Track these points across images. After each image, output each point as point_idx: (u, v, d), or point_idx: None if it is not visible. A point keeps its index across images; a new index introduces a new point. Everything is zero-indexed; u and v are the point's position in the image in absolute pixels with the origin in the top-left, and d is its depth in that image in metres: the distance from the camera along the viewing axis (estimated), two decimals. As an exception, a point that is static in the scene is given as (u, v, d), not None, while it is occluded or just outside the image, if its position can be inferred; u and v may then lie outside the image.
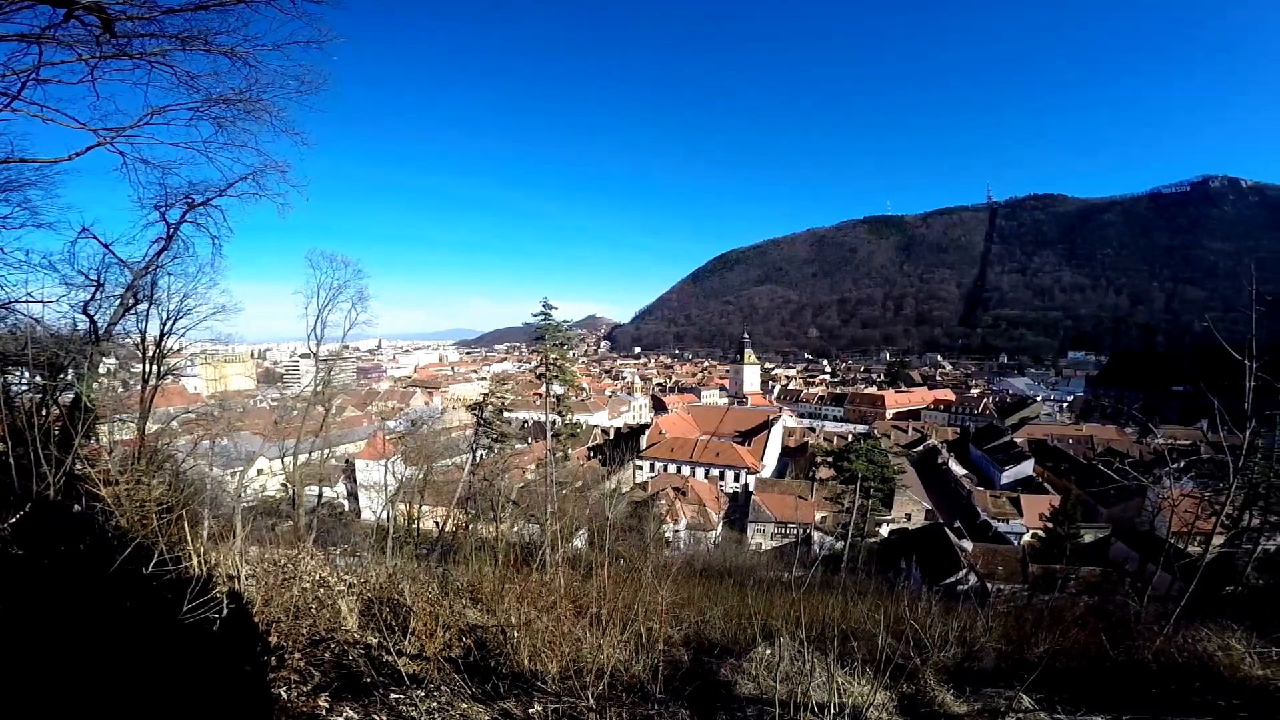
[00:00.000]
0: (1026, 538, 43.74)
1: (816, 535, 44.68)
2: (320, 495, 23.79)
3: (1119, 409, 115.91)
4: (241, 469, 21.70)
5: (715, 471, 60.95)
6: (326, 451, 26.75)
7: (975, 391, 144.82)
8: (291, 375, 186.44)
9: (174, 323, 15.28)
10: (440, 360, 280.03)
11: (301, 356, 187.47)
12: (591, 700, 3.94)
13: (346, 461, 58.79)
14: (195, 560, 4.48)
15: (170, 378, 16.82)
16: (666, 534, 36.45)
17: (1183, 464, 48.81)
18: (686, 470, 59.93)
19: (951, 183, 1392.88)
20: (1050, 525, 38.92)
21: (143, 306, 14.08)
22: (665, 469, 61.14)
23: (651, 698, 4.35)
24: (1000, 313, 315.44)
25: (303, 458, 21.94)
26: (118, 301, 12.95)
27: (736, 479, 59.85)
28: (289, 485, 20.99)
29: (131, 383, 15.81)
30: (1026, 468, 64.37)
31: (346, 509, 48.84)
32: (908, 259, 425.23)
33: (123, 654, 3.20)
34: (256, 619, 4.27)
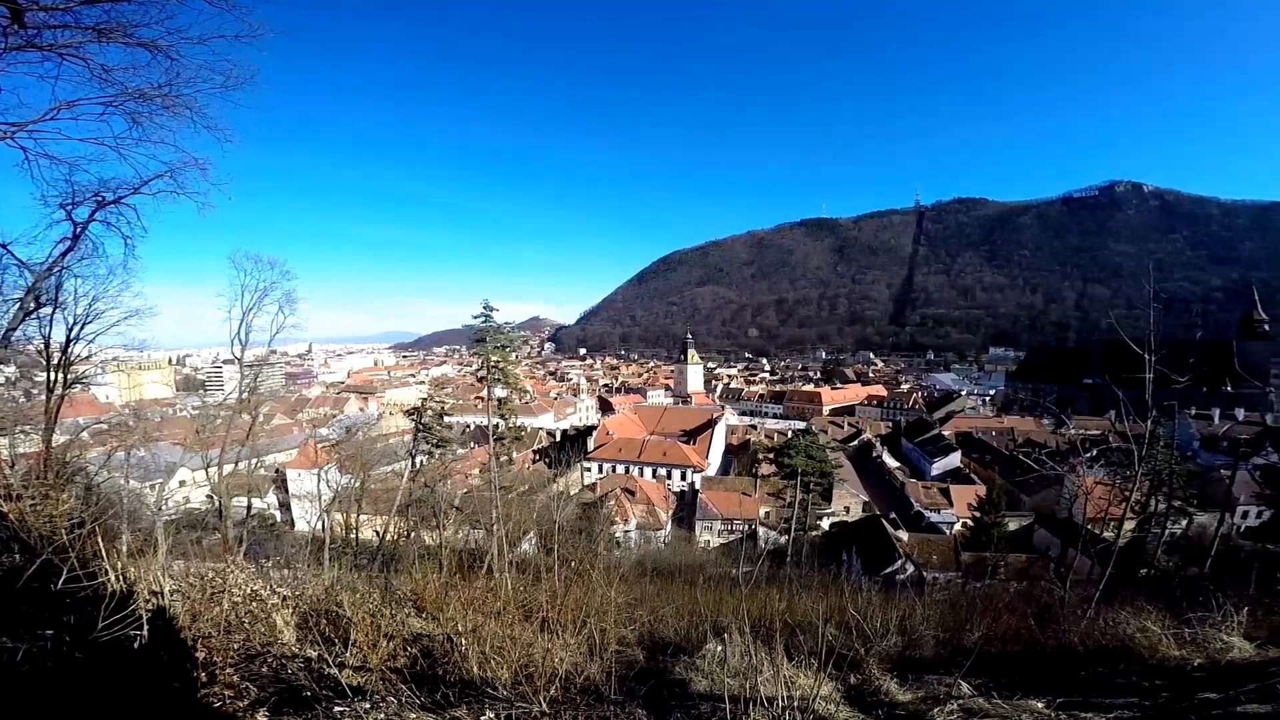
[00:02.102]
0: (957, 526, 45.82)
1: (761, 530, 45.60)
2: (249, 506, 22.57)
3: (1036, 401, 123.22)
4: (161, 480, 20.31)
5: (663, 471, 61.32)
6: (255, 461, 25.38)
7: (905, 387, 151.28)
8: (214, 382, 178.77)
9: (82, 328, 14.34)
10: (375, 364, 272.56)
11: (225, 362, 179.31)
12: (544, 705, 3.90)
13: (277, 471, 56.64)
14: (112, 576, 4.16)
15: (78, 386, 15.64)
16: (617, 535, 36.40)
17: (1094, 453, 52.46)
18: (635, 470, 60.02)
19: (882, 187, 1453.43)
20: (978, 514, 40.78)
21: (46, 310, 13.13)
22: (613, 469, 61.11)
23: (606, 699, 4.33)
24: (927, 312, 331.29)
25: (229, 468, 20.77)
26: (16, 305, 11.98)
27: (683, 478, 60.41)
28: (215, 496, 19.82)
29: (35, 392, 14.66)
30: (954, 459, 67.59)
31: (279, 520, 47.00)
32: (841, 260, 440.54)
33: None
34: (184, 635, 4.01)
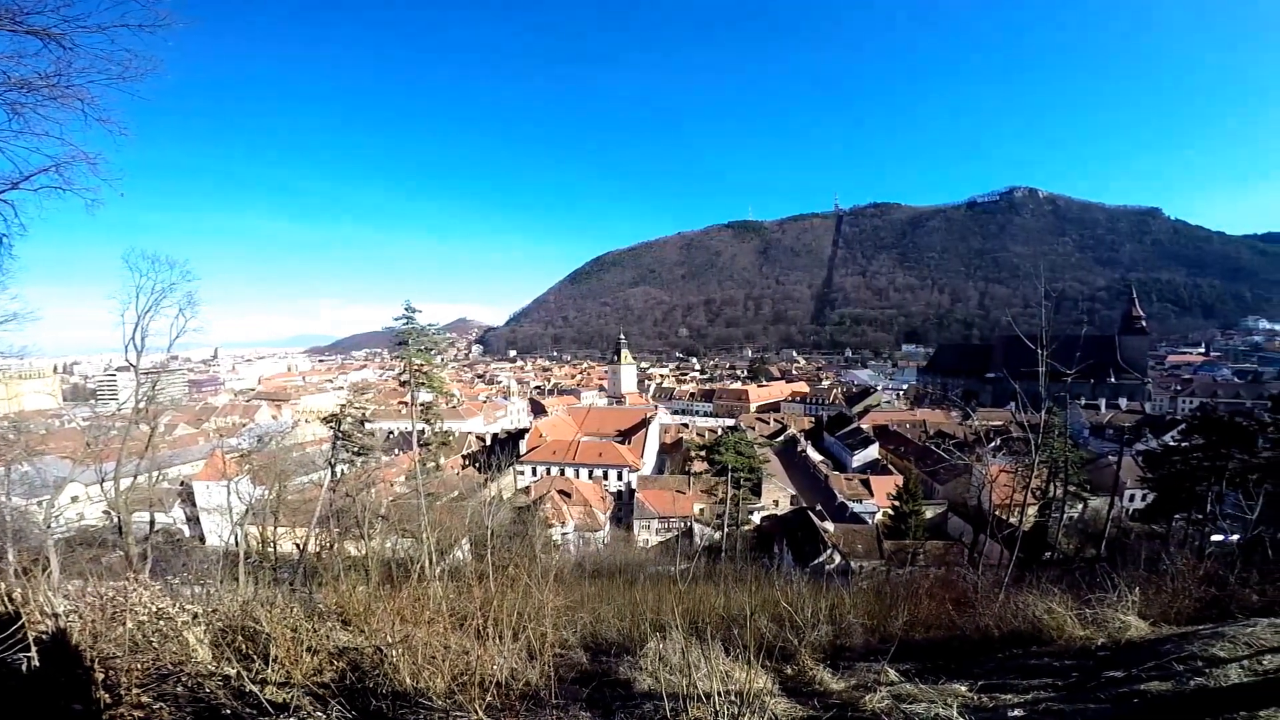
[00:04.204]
0: (879, 516, 47.74)
1: (697, 527, 46.26)
2: (152, 521, 20.82)
3: (944, 395, 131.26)
4: (49, 496, 18.38)
5: (599, 472, 61.15)
6: (157, 474, 23.52)
7: (826, 383, 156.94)
8: (106, 391, 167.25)
9: (-52, 335, 12.76)
10: (289, 370, 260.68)
11: (119, 369, 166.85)
12: (482, 712, 3.83)
13: (182, 484, 53.24)
14: (-5, 597, 3.74)
15: (-57, 397, 13.98)
16: (554, 537, 36.00)
17: (998, 442, 56.30)
18: (570, 472, 59.61)
19: (804, 191, 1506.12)
20: (897, 504, 42.75)
21: (-95, 316, 11.62)
22: (548, 472, 60.44)
23: (547, 703, 4.29)
24: (845, 311, 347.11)
25: (127, 481, 19.08)
26: None
27: (619, 478, 60.42)
28: (113, 512, 18.18)
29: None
30: (873, 451, 70.86)
31: (187, 535, 44.39)
32: (766, 261, 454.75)
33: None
34: (84, 656, 3.68)
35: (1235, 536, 20.98)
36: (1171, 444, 33.09)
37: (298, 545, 24.00)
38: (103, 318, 19.74)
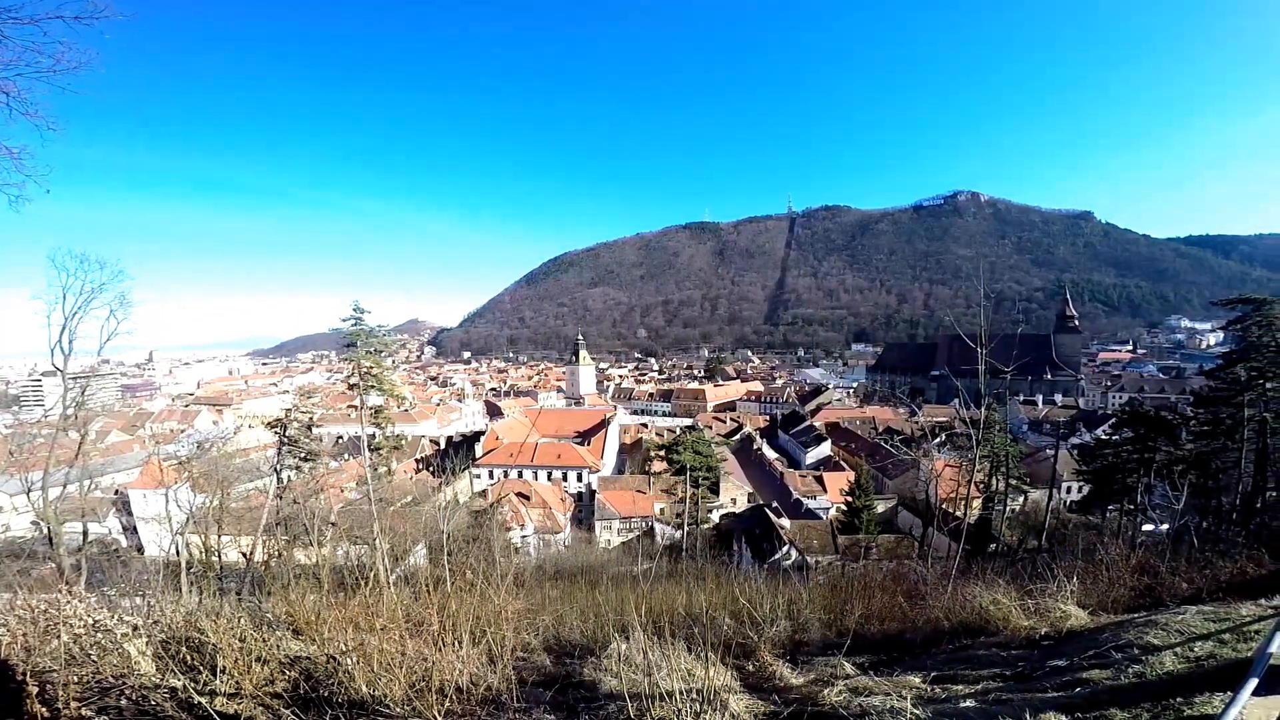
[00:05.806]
0: (832, 512, 48.65)
1: (658, 527, 46.40)
2: (85, 532, 19.71)
3: (892, 392, 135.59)
4: (-30, 508, 17.26)
5: (558, 473, 60.54)
6: (89, 483, 22.29)
7: (780, 382, 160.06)
8: (31, 397, 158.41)
9: None
10: (230, 373, 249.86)
11: (45, 374, 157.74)
12: (442, 718, 3.83)
13: (117, 492, 50.76)
14: (-87, 614, 3.52)
15: None
16: (514, 540, 35.58)
17: (943, 437, 58.33)
18: (529, 474, 58.86)
19: (759, 193, 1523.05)
20: (850, 499, 43.70)
21: None
22: (505, 475, 59.52)
23: (510, 707, 4.27)
24: (798, 312, 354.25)
25: (56, 491, 18.00)
26: None
27: (579, 479, 60.00)
28: (42, 523, 17.14)
29: None
30: (825, 448, 72.45)
31: (124, 545, 42.30)
32: (722, 263, 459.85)
33: None
34: (17, 670, 3.51)
35: (1165, 526, 22.18)
36: (1103, 438, 34.63)
37: (244, 554, 23.13)
38: (27, 319, 18.57)
